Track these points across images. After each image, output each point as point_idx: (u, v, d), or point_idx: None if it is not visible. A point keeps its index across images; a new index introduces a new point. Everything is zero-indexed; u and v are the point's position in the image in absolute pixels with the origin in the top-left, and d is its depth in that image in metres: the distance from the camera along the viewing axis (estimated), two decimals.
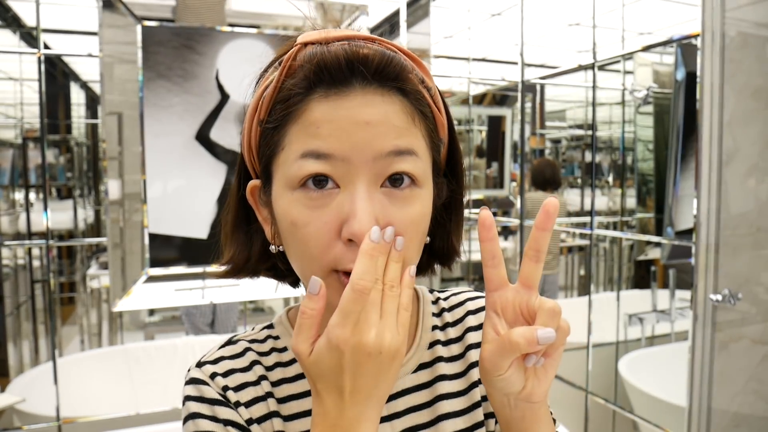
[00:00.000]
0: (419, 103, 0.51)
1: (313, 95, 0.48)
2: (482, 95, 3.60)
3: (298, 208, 0.49)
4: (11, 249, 3.17)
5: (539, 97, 3.40)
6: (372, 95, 0.48)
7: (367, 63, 0.48)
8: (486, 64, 3.45)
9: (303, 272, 0.51)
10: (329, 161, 0.47)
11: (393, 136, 0.48)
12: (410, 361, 0.59)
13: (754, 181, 1.60)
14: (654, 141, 2.44)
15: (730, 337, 1.62)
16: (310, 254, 0.49)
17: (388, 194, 0.49)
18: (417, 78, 0.51)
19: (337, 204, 0.48)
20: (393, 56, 0.49)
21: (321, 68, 0.48)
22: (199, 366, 0.58)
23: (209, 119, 2.00)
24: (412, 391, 0.58)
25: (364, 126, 0.47)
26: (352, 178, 0.48)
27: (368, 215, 0.47)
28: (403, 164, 0.49)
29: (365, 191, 0.47)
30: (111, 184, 1.89)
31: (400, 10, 2.29)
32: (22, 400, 2.05)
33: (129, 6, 1.88)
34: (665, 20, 2.32)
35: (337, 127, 0.47)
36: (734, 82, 1.54)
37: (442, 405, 0.58)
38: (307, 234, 0.48)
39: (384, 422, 0.56)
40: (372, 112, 0.48)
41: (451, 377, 0.60)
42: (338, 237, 0.48)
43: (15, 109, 3.37)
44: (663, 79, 2.31)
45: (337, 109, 0.48)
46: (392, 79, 0.49)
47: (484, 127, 3.69)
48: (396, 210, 0.49)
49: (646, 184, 2.55)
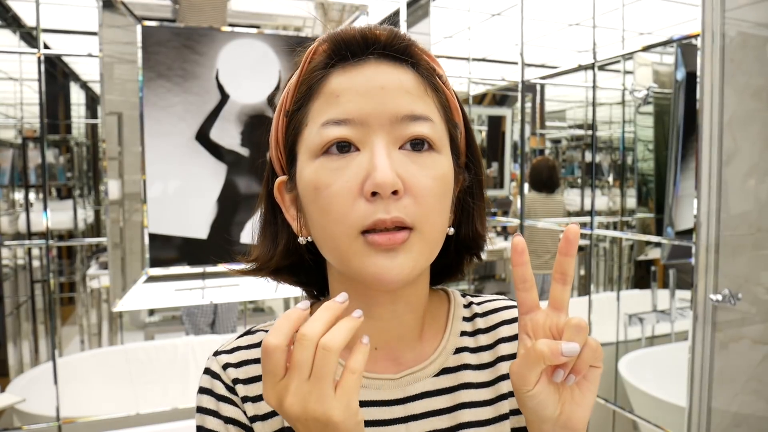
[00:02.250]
0: (430, 76, 0.54)
1: (333, 70, 0.52)
2: (482, 95, 3.60)
3: (322, 172, 0.50)
4: (11, 249, 3.16)
5: (539, 97, 3.40)
6: (386, 66, 0.52)
7: (380, 37, 0.52)
8: (486, 64, 3.46)
9: (328, 242, 0.52)
10: (349, 125, 0.50)
11: (407, 101, 0.51)
12: (433, 364, 0.58)
13: (755, 181, 1.60)
14: (654, 141, 2.44)
15: (730, 337, 1.62)
16: (334, 216, 0.49)
17: (408, 155, 0.51)
18: (426, 56, 0.55)
19: (358, 163, 0.50)
20: (403, 33, 0.54)
21: (338, 44, 0.52)
22: (215, 355, 0.59)
23: (209, 119, 2.00)
24: (432, 395, 0.57)
25: (380, 90, 0.50)
26: (371, 138, 0.50)
27: (388, 167, 0.48)
28: (420, 128, 0.51)
29: (384, 148, 0.49)
30: (111, 184, 1.89)
31: (400, 10, 2.29)
32: (22, 400, 2.05)
33: (129, 6, 1.88)
34: (665, 20, 2.32)
35: (354, 93, 0.50)
36: (734, 82, 1.54)
37: (464, 413, 0.57)
38: (330, 195, 0.49)
39: (400, 423, 0.55)
40: (386, 78, 0.51)
41: (477, 386, 0.58)
42: (360, 194, 0.49)
43: (15, 109, 3.37)
44: (663, 79, 2.31)
45: (355, 77, 0.51)
46: (403, 53, 0.53)
47: (484, 127, 3.69)
48: (417, 169, 0.50)
49: (646, 184, 2.55)
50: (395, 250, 0.49)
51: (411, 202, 0.49)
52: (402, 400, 0.56)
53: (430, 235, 0.51)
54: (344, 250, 0.50)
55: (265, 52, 2.03)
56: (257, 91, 2.05)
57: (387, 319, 0.56)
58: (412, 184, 0.49)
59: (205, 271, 1.99)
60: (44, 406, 1.95)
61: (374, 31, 0.53)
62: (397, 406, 0.56)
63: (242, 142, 2.05)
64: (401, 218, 0.48)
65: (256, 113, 2.06)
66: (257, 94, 2.05)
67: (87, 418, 1.92)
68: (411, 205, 0.49)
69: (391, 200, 0.48)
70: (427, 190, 0.50)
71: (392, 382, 0.56)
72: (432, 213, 0.50)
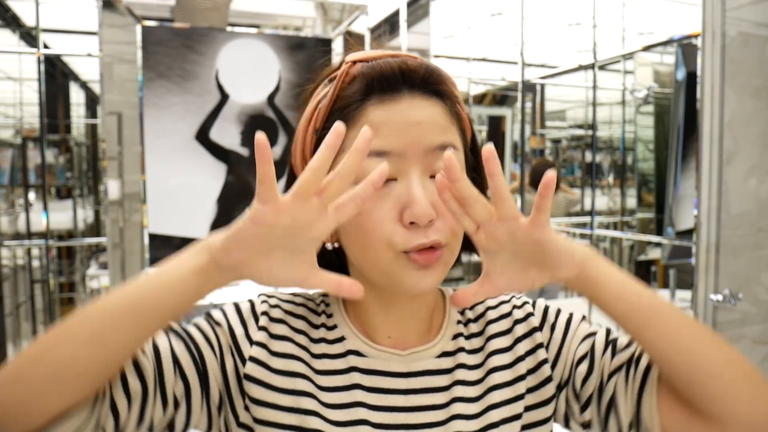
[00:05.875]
0: (453, 105, 0.60)
1: (369, 101, 0.57)
2: (482, 95, 3.60)
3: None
4: (11, 249, 3.16)
5: (539, 97, 3.40)
6: (419, 100, 0.57)
7: (416, 72, 0.57)
8: (486, 64, 3.45)
9: (369, 258, 0.58)
10: (388, 157, 0.55)
11: (438, 133, 0.57)
12: (435, 346, 0.64)
13: (755, 181, 1.60)
14: (654, 141, 2.44)
15: (731, 338, 1.62)
16: (376, 238, 0.55)
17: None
18: (450, 85, 0.60)
19: (396, 193, 0.55)
20: (435, 67, 0.59)
21: (377, 77, 0.57)
22: (267, 296, 0.65)
23: (209, 119, 2.00)
24: (433, 373, 0.62)
25: (416, 125, 0.56)
26: (407, 170, 0.56)
27: (425, 200, 0.54)
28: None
29: (418, 180, 0.55)
30: (111, 184, 1.89)
31: (400, 10, 2.29)
32: None
33: (129, 6, 1.88)
34: (666, 20, 2.32)
35: (394, 128, 0.55)
36: (735, 82, 1.54)
37: (457, 389, 0.62)
38: (373, 220, 0.55)
39: (400, 395, 0.60)
40: (421, 113, 0.57)
41: (470, 367, 0.64)
42: (399, 221, 0.55)
43: (14, 109, 3.37)
44: (663, 79, 2.31)
45: (392, 112, 0.56)
46: (434, 86, 0.58)
47: (484, 127, 3.69)
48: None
49: (647, 184, 2.55)
50: (432, 265, 0.56)
51: (442, 224, 0.56)
52: (405, 374, 0.61)
53: (455, 247, 0.58)
54: (386, 266, 0.56)
55: (265, 52, 2.03)
56: (257, 91, 2.05)
57: (404, 315, 0.63)
58: (442, 209, 0.55)
59: None
60: None
61: (411, 66, 0.57)
62: (400, 378, 0.61)
63: (242, 141, 2.05)
64: (439, 240, 0.55)
65: (256, 113, 2.06)
66: (257, 94, 2.05)
67: None
68: (442, 227, 0.56)
69: (427, 226, 0.55)
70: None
71: (399, 357, 0.62)
72: (459, 231, 0.58)
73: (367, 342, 0.62)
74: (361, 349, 0.62)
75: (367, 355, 0.61)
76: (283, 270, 0.51)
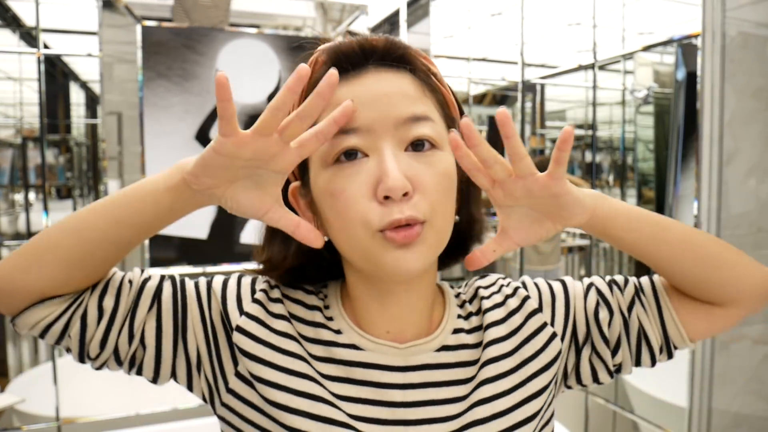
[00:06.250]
0: (427, 78, 0.58)
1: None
2: (482, 95, 3.60)
3: (335, 180, 0.54)
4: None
5: (539, 96, 3.40)
6: (384, 73, 0.56)
7: (376, 46, 0.57)
8: (486, 64, 3.45)
9: (348, 242, 0.56)
10: (356, 134, 0.54)
11: (408, 104, 0.55)
12: (435, 340, 0.62)
13: (755, 181, 1.60)
14: (654, 141, 2.44)
15: (731, 337, 1.62)
16: (351, 218, 0.54)
17: (413, 156, 0.55)
18: (421, 58, 0.59)
19: (368, 169, 0.54)
20: (398, 39, 0.58)
21: (338, 56, 0.57)
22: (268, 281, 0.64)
23: (209, 119, 2.00)
24: (432, 368, 0.61)
25: (382, 97, 0.54)
26: (377, 144, 0.54)
27: (398, 172, 0.52)
28: (422, 129, 0.55)
29: (391, 153, 0.53)
30: (111, 184, 1.89)
31: (400, 10, 2.29)
32: (21, 401, 2.05)
33: (129, 6, 1.88)
34: (666, 20, 2.31)
35: (359, 103, 0.53)
36: (735, 82, 1.54)
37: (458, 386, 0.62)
38: (345, 199, 0.54)
39: (397, 389, 0.59)
40: (387, 85, 0.55)
41: (472, 363, 0.63)
42: (373, 197, 0.53)
43: (14, 109, 3.37)
44: (663, 79, 2.31)
45: (357, 87, 0.55)
46: (399, 59, 0.57)
47: (484, 127, 3.68)
48: (423, 168, 0.54)
49: (647, 184, 2.55)
50: (412, 243, 0.53)
51: (420, 199, 0.53)
52: (403, 368, 0.60)
53: (440, 225, 0.55)
54: (365, 248, 0.54)
55: (265, 52, 2.03)
56: (257, 91, 2.05)
57: (401, 307, 0.62)
58: (420, 182, 0.54)
59: (205, 271, 1.99)
60: (44, 406, 1.94)
61: (371, 40, 0.57)
62: (397, 372, 0.60)
63: None
64: (414, 215, 0.53)
65: (256, 113, 2.06)
66: (257, 94, 2.05)
67: (87, 418, 1.91)
68: (421, 202, 0.53)
69: (402, 201, 0.53)
70: (434, 186, 0.54)
71: (397, 350, 0.61)
72: (440, 206, 0.55)
73: (364, 335, 0.61)
74: (358, 342, 0.61)
75: (363, 348, 0.60)
76: (247, 198, 0.52)
